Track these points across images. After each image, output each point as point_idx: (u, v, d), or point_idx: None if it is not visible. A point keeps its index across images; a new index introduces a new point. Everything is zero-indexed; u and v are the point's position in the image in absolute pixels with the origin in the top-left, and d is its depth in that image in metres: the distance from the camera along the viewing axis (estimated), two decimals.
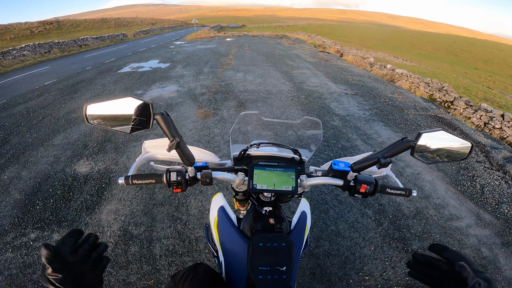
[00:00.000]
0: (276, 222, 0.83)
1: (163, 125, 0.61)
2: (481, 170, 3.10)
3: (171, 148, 0.62)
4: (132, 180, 0.71)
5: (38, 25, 32.43)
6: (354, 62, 10.73)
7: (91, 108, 0.66)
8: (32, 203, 2.51)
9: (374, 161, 0.68)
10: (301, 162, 0.93)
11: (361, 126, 4.18)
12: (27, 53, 13.29)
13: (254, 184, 0.76)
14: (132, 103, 0.62)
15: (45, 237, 2.11)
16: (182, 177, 0.71)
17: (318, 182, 0.81)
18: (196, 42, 17.56)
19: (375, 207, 2.42)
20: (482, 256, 2.01)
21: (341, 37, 37.58)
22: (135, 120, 0.63)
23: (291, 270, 0.70)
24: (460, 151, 0.73)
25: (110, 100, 0.64)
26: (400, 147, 0.66)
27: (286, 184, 0.77)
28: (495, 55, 40.44)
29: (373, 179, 0.76)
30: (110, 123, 0.67)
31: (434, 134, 0.67)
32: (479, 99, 8.86)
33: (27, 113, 4.88)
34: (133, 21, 48.42)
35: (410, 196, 0.77)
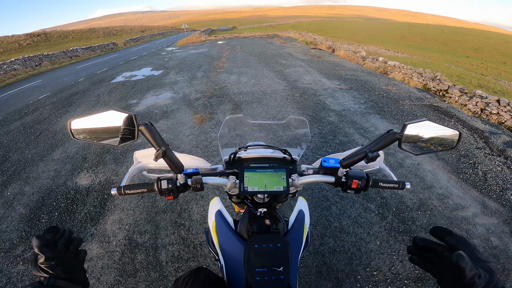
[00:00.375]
0: (271, 222, 0.83)
1: (148, 136, 0.62)
2: (482, 156, 3.10)
3: (157, 158, 0.62)
4: (125, 190, 0.71)
5: (25, 38, 32.09)
6: (346, 57, 10.78)
7: (75, 123, 0.66)
8: (38, 217, 2.52)
9: (362, 156, 0.68)
10: (292, 162, 0.93)
11: (358, 120, 4.19)
12: (17, 67, 13.21)
13: (245, 186, 0.77)
14: (115, 115, 0.63)
15: None
16: (173, 184, 0.71)
17: (310, 181, 0.81)
18: (187, 47, 17.53)
19: (378, 200, 2.42)
20: (492, 246, 1.97)
21: (331, 33, 37.74)
22: (120, 133, 0.64)
23: (288, 270, 0.70)
24: (448, 140, 0.73)
25: (93, 114, 0.64)
26: (387, 140, 0.66)
27: (278, 184, 0.77)
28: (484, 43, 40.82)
29: (364, 173, 0.75)
30: (96, 137, 0.67)
31: (419, 124, 0.67)
32: (474, 86, 8.93)
33: (24, 129, 4.86)
34: (122, 30, 48.11)
35: (403, 188, 0.77)
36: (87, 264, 1.97)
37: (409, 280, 1.73)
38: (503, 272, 1.77)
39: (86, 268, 1.86)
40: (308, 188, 2.58)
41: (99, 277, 1.85)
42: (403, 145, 0.68)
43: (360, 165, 0.94)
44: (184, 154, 0.93)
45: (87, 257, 2.02)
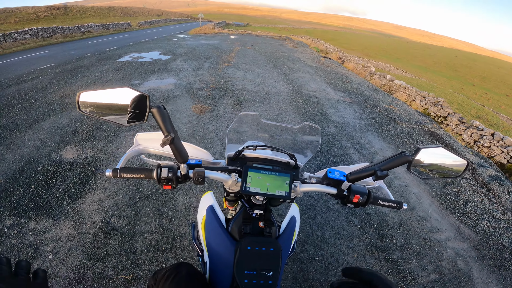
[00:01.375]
0: (265, 226, 0.82)
1: (159, 119, 0.60)
2: (466, 186, 3.16)
3: (165, 144, 0.60)
4: (121, 173, 0.69)
5: (44, 10, 31.92)
6: (354, 70, 10.80)
7: (84, 95, 0.64)
8: (12, 187, 2.43)
9: (370, 173, 0.68)
10: (295, 167, 0.92)
11: (355, 135, 4.19)
12: (28, 36, 13.05)
13: (247, 186, 0.76)
14: (128, 93, 0.61)
15: (21, 224, 2.05)
16: (174, 174, 0.70)
17: (312, 189, 0.81)
18: (199, 37, 17.47)
19: (362, 215, 2.44)
20: (457, 268, 2.07)
21: (344, 44, 37.79)
22: (130, 112, 0.62)
23: (277, 275, 0.70)
24: (455, 168, 0.73)
25: (105, 89, 0.62)
26: (398, 161, 0.66)
27: (280, 188, 0.76)
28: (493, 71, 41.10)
29: (366, 190, 0.76)
30: (103, 112, 0.65)
31: (433, 150, 0.68)
32: (472, 116, 8.99)
33: (19, 94, 4.78)
34: (139, 11, 48.03)
35: (400, 208, 0.78)
36: (53, 244, 1.92)
37: None
38: None
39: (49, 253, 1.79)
40: (303, 195, 2.59)
41: (64, 259, 1.78)
42: (412, 168, 0.69)
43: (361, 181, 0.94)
44: (187, 143, 0.90)
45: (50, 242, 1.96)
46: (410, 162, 0.66)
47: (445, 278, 1.98)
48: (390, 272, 1.96)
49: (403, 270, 2.00)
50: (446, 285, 1.93)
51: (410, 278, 1.94)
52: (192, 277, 0.77)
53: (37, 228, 2.03)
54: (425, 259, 2.12)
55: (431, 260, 2.11)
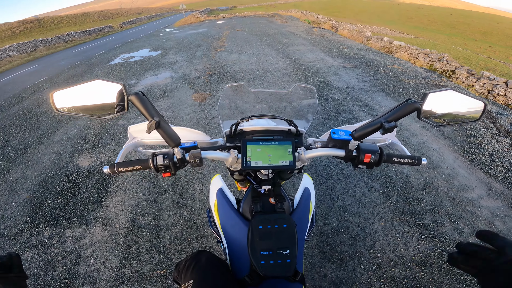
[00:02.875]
0: (276, 201, 0.78)
1: (139, 106, 0.56)
2: (489, 137, 3.02)
3: (150, 129, 0.57)
4: (118, 168, 0.66)
5: (18, 25, 31.39)
6: (350, 36, 10.40)
7: (58, 95, 0.61)
8: (41, 201, 2.50)
9: (376, 127, 0.62)
10: (298, 134, 0.87)
11: (362, 97, 4.09)
12: (12, 53, 12.94)
13: (248, 161, 0.71)
14: (102, 85, 0.58)
15: (59, 234, 2.11)
16: (170, 159, 0.66)
17: (318, 154, 0.74)
18: (186, 28, 16.98)
19: (382, 179, 2.38)
20: (496, 230, 1.93)
21: (335, 12, 36.28)
22: (109, 104, 0.59)
23: (295, 253, 0.66)
24: (471, 112, 0.66)
25: (77, 84, 0.59)
26: (405, 109, 0.59)
27: (283, 158, 0.71)
28: (493, 27, 39.24)
29: (377, 147, 0.69)
30: (81, 109, 0.62)
31: (442, 93, 0.61)
32: (481, 68, 8.67)
33: (23, 112, 4.79)
34: (117, 13, 46.62)
35: (419, 164, 0.71)
36: (91, 248, 1.97)
37: (412, 263, 1.71)
38: None
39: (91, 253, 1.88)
40: (311, 166, 2.54)
41: (104, 261, 1.85)
42: (422, 116, 0.62)
43: (371, 138, 0.88)
44: (181, 127, 0.87)
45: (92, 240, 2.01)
46: (419, 109, 0.59)
47: None
48: (423, 238, 1.86)
49: (437, 235, 1.89)
50: None
51: (447, 243, 1.83)
52: (212, 264, 0.75)
53: (74, 235, 2.10)
54: (460, 222, 1.99)
55: (467, 222, 1.98)
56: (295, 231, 0.69)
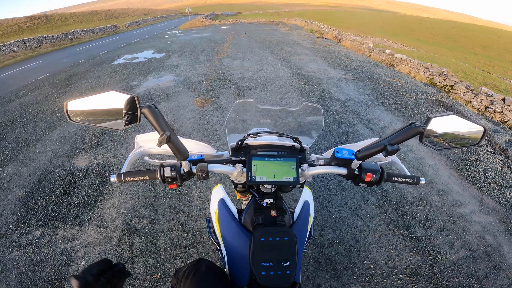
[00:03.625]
0: (278, 214, 0.80)
1: (152, 119, 0.58)
2: (484, 154, 3.07)
3: (161, 143, 0.58)
4: (125, 178, 0.67)
5: (25, 21, 31.57)
6: (352, 48, 10.55)
7: (72, 104, 0.61)
8: (34, 200, 2.48)
9: (380, 148, 0.64)
10: (302, 150, 0.89)
11: (362, 111, 4.13)
12: (17, 48, 12.99)
13: (253, 176, 0.73)
14: (116, 97, 0.59)
15: (50, 233, 2.09)
16: (177, 172, 0.67)
17: (321, 172, 0.77)
18: (190, 31, 17.15)
19: (379, 193, 2.41)
20: (486, 244, 1.98)
21: (338, 23, 36.82)
22: (122, 115, 0.60)
23: (294, 265, 0.68)
24: (471, 136, 0.68)
25: (92, 95, 0.59)
26: (408, 133, 0.61)
27: (287, 174, 0.73)
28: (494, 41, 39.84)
29: (378, 167, 0.72)
30: (94, 119, 0.63)
31: (445, 118, 0.63)
32: (479, 83, 8.79)
33: (22, 108, 4.78)
34: (124, 13, 47.01)
35: (418, 184, 0.73)
36: (83, 250, 1.96)
37: (404, 274, 1.74)
38: (494, 271, 1.79)
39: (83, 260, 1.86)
40: (315, 178, 2.56)
41: None
42: (424, 139, 0.64)
43: (372, 157, 0.90)
44: (188, 139, 0.88)
45: (84, 243, 2.01)
46: (421, 133, 0.61)
47: (475, 254, 1.90)
48: (416, 250, 1.90)
49: (429, 248, 1.93)
50: (477, 261, 1.86)
51: (438, 256, 1.88)
52: (211, 273, 0.76)
53: (66, 235, 2.08)
54: (451, 235, 2.04)
55: (458, 236, 2.04)
56: (296, 243, 0.71)
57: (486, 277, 1.75)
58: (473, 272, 1.78)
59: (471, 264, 1.83)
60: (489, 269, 1.80)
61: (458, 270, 1.79)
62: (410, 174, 0.75)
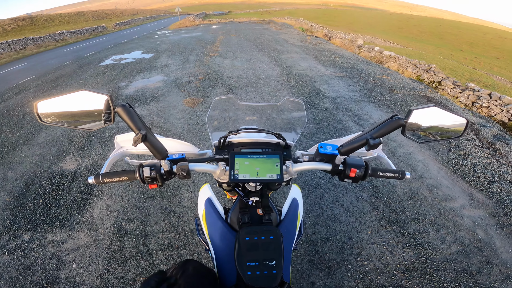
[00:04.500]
0: (264, 213, 0.78)
1: (126, 118, 0.56)
2: (472, 148, 3.13)
3: (136, 142, 0.56)
4: (103, 179, 0.65)
5: (10, 22, 30.75)
6: (342, 45, 10.65)
7: (42, 105, 0.58)
8: (22, 204, 2.41)
9: (362, 143, 0.63)
10: (286, 147, 0.87)
11: (352, 107, 4.17)
12: (1, 50, 12.63)
13: (235, 174, 0.72)
14: (88, 96, 0.57)
15: (39, 237, 2.05)
16: (157, 171, 0.66)
17: (305, 168, 0.76)
18: (180, 31, 16.98)
19: (370, 189, 2.43)
20: (477, 238, 2.00)
21: (328, 21, 37.08)
22: (94, 115, 0.58)
23: (281, 264, 0.66)
24: (454, 128, 0.68)
25: (62, 95, 0.57)
26: (390, 126, 0.61)
27: (271, 172, 0.72)
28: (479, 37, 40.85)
29: (363, 162, 0.71)
30: (66, 120, 0.60)
31: (426, 110, 0.62)
32: (466, 79, 9.00)
33: (7, 112, 4.64)
34: (112, 13, 46.08)
35: (403, 178, 0.73)
36: (74, 253, 1.92)
37: (397, 270, 1.75)
38: (487, 265, 1.81)
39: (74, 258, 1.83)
40: (301, 175, 2.56)
41: (87, 266, 1.80)
42: (407, 132, 0.64)
43: (358, 152, 0.89)
44: (169, 138, 0.86)
45: (75, 245, 1.96)
46: (403, 125, 0.61)
47: (467, 249, 1.91)
48: (408, 246, 1.91)
49: (421, 243, 1.94)
50: (469, 256, 1.86)
51: (430, 251, 1.88)
52: (199, 273, 0.75)
53: (55, 239, 2.03)
54: (443, 230, 2.05)
55: (449, 231, 2.05)
56: (282, 242, 0.69)
57: (480, 272, 1.76)
58: (466, 267, 1.79)
59: (463, 259, 1.84)
60: (482, 264, 1.82)
61: (451, 265, 1.80)
62: (396, 168, 0.75)
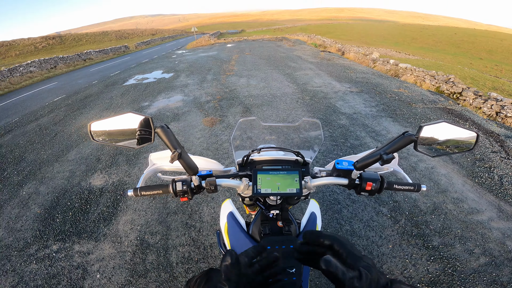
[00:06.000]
0: (284, 224, 0.84)
1: (164, 138, 0.64)
2: (498, 160, 3.02)
3: (173, 160, 0.63)
4: (141, 192, 0.73)
5: (41, 41, 33.17)
6: (356, 60, 10.68)
7: (95, 125, 0.68)
8: (52, 216, 2.58)
9: (376, 158, 0.67)
10: (305, 164, 0.93)
11: (369, 123, 4.14)
12: (33, 69, 13.59)
13: (258, 188, 0.78)
14: (132, 118, 0.66)
15: (67, 248, 2.17)
16: (188, 186, 0.73)
17: (323, 183, 0.80)
18: (197, 50, 17.75)
19: (390, 204, 2.39)
20: (508, 249, 1.93)
21: (341, 36, 37.47)
22: (138, 135, 0.66)
23: (301, 272, 0.70)
24: (465, 142, 0.71)
25: (112, 117, 0.67)
26: (402, 142, 0.64)
27: (290, 186, 0.78)
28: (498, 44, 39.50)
29: (378, 176, 0.74)
30: (115, 139, 0.70)
31: (436, 126, 0.66)
32: (488, 88, 8.68)
33: (39, 130, 5.00)
34: (133, 33, 49.09)
35: (419, 191, 0.75)
36: (98, 264, 2.01)
37: (421, 283, 1.71)
38: None
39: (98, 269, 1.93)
40: (319, 191, 2.57)
41: (110, 277, 1.88)
42: (419, 147, 0.67)
43: (374, 167, 0.93)
44: (198, 156, 0.94)
45: (100, 257, 2.05)
46: (415, 141, 0.64)
47: (496, 260, 1.85)
48: (433, 259, 1.86)
49: (447, 256, 1.89)
50: (499, 267, 1.80)
51: (457, 264, 1.83)
52: None
53: (82, 250, 2.15)
54: (470, 243, 1.99)
55: (477, 243, 1.99)
56: None
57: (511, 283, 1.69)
58: (496, 278, 1.73)
59: (493, 270, 1.78)
60: None
61: (480, 277, 1.74)
62: (412, 182, 0.78)
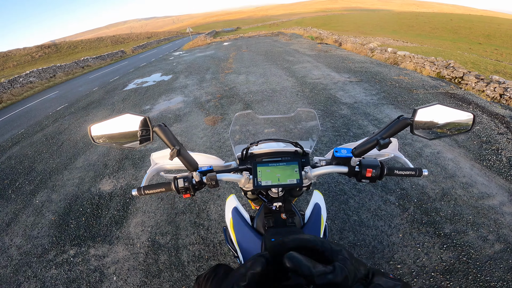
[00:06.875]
0: (287, 216, 0.84)
1: (162, 136, 0.65)
2: (505, 142, 2.99)
3: (172, 157, 0.65)
4: (144, 191, 0.74)
5: (37, 50, 33.19)
6: (354, 50, 10.59)
7: (94, 128, 0.70)
8: (66, 222, 2.64)
9: (373, 143, 0.67)
10: (304, 154, 0.93)
11: (371, 111, 4.13)
12: (33, 79, 13.59)
13: (259, 181, 0.79)
14: (130, 119, 0.67)
15: (83, 252, 2.22)
16: (189, 182, 0.74)
17: (323, 172, 0.80)
18: (194, 51, 17.67)
19: (397, 192, 2.38)
20: None
21: (337, 27, 37.06)
22: (137, 135, 0.68)
23: None
24: (462, 123, 0.70)
25: (110, 118, 0.68)
26: (398, 126, 0.65)
27: (291, 177, 0.78)
28: (495, 29, 38.83)
29: (378, 162, 0.74)
30: (114, 140, 0.71)
31: (430, 108, 0.66)
32: (490, 72, 8.56)
33: (46, 140, 5.05)
34: (128, 37, 48.78)
35: (421, 176, 0.75)
36: (114, 266, 2.05)
37: (436, 272, 1.69)
38: None
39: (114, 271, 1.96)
40: (324, 182, 2.57)
41: (126, 278, 1.92)
42: (415, 130, 0.67)
43: (375, 153, 0.92)
44: (198, 153, 0.95)
45: (114, 260, 2.09)
46: (410, 124, 0.64)
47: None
48: (446, 247, 1.83)
49: (460, 243, 1.86)
50: None
51: (471, 251, 1.80)
52: None
53: (97, 254, 2.20)
54: (483, 229, 1.95)
55: (490, 230, 1.94)
56: None
57: None
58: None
59: (510, 257, 1.74)
60: None
61: (497, 264, 1.71)
62: (413, 167, 0.77)
